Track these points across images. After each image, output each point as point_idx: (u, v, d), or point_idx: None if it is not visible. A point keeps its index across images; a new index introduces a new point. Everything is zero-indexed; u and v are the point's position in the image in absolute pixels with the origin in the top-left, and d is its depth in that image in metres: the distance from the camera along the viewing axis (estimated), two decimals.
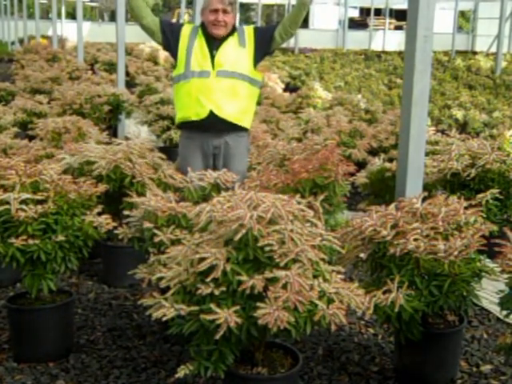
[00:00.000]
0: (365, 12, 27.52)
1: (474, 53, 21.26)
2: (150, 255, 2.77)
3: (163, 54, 15.16)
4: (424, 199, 2.91)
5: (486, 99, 11.37)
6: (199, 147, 3.71)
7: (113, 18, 27.50)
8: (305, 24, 27.05)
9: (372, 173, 4.55)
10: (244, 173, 3.73)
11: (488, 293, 3.44)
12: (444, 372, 2.88)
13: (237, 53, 3.67)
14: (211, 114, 3.62)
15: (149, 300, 2.36)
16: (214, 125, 3.64)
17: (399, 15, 25.16)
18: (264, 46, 3.72)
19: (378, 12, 25.62)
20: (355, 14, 28.36)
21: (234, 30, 3.70)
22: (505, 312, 2.57)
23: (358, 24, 25.90)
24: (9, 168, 3.06)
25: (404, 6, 19.18)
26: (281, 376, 2.44)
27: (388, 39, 23.90)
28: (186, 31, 3.73)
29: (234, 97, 3.65)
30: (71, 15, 23.35)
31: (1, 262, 2.87)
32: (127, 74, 10.35)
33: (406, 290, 2.59)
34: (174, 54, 3.73)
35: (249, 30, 3.75)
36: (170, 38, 3.70)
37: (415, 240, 2.63)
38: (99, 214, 3.05)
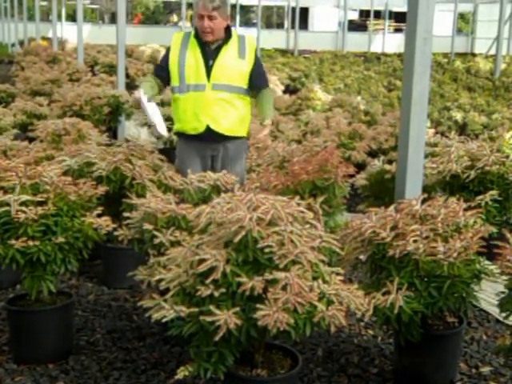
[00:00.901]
0: (364, 14, 27.53)
1: (474, 55, 21.28)
2: (149, 257, 2.77)
3: None
4: (423, 201, 2.92)
5: (485, 101, 11.38)
6: (197, 151, 3.71)
7: (113, 19, 27.52)
8: (304, 26, 27.09)
9: (371, 174, 4.56)
10: (242, 175, 3.74)
11: (487, 294, 3.44)
12: (443, 373, 2.88)
13: (235, 64, 3.61)
14: (208, 128, 3.63)
15: (148, 301, 2.37)
16: (212, 137, 3.65)
17: (399, 17, 25.17)
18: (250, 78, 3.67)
19: (378, 14, 25.63)
20: (355, 16, 28.37)
21: (229, 34, 3.60)
22: (504, 313, 2.58)
23: (357, 26, 25.91)
24: (9, 170, 3.07)
25: (404, 8, 19.20)
26: (280, 377, 2.45)
27: (387, 41, 23.91)
28: (175, 41, 3.66)
29: (230, 110, 3.63)
30: (71, 17, 23.35)
31: (1, 264, 2.88)
32: (127, 75, 10.36)
33: (406, 291, 2.59)
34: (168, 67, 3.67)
35: (252, 46, 3.67)
36: (166, 66, 3.64)
37: (414, 242, 2.64)
38: (99, 215, 3.05)
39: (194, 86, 3.60)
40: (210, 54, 3.60)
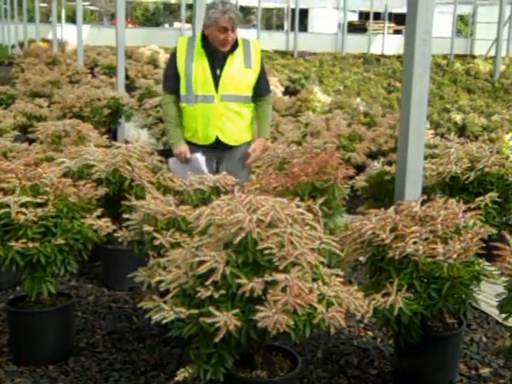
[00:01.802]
0: (364, 16, 27.55)
1: (473, 56, 21.30)
2: (149, 258, 2.77)
3: (163, 57, 15.19)
4: (423, 202, 2.92)
5: (484, 103, 11.40)
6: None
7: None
8: (304, 27, 27.10)
9: (371, 176, 4.57)
10: (248, 176, 3.74)
11: (487, 296, 3.44)
12: (443, 375, 2.88)
13: (242, 74, 3.59)
14: (217, 139, 3.65)
15: (148, 303, 2.37)
16: (220, 147, 3.68)
17: (398, 19, 25.18)
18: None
19: (377, 16, 25.64)
20: (354, 17, 28.38)
21: (236, 42, 3.58)
22: (504, 315, 2.58)
23: (357, 28, 25.91)
24: (9, 171, 3.07)
25: (403, 9, 19.22)
26: (280, 379, 2.45)
27: (387, 43, 23.93)
28: (181, 48, 3.61)
29: (237, 120, 3.65)
30: (71, 19, 23.35)
31: (1, 265, 2.88)
32: (127, 77, 10.37)
33: (405, 293, 2.59)
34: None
35: (257, 53, 3.64)
36: (177, 77, 3.61)
37: (414, 243, 2.64)
38: (99, 217, 3.06)
39: (202, 97, 3.57)
40: (217, 62, 3.58)
